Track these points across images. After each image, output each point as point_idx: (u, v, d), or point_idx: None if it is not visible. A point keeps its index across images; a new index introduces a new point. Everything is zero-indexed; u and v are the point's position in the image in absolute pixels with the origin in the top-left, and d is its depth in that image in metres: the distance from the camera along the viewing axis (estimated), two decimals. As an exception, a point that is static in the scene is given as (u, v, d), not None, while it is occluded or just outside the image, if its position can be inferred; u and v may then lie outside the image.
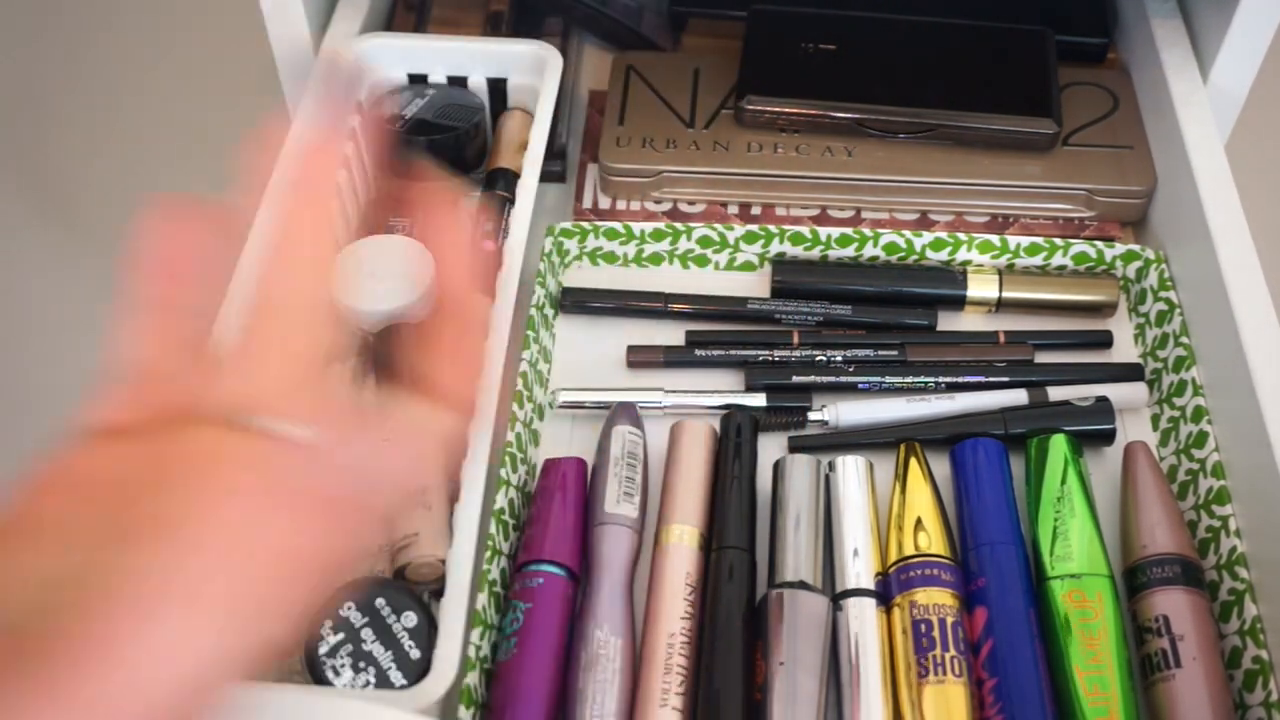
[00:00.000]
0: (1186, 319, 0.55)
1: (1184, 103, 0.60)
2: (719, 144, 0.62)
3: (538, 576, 0.48)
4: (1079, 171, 0.61)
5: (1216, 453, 0.51)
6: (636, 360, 0.58)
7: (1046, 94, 0.62)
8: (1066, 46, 0.66)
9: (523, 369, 0.53)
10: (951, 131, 0.62)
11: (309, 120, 0.58)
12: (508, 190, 0.58)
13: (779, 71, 0.63)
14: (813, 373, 0.57)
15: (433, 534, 0.47)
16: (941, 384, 0.56)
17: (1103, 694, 0.45)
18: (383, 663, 0.43)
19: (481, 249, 0.56)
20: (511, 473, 0.50)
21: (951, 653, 0.46)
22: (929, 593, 0.47)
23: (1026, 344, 0.58)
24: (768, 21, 0.66)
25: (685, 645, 0.47)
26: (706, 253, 0.61)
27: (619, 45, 0.70)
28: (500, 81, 0.62)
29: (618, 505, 0.50)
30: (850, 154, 0.62)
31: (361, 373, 0.52)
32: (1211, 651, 0.46)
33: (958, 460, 0.52)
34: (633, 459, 0.51)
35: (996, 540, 0.49)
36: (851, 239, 0.59)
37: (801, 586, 0.48)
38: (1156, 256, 0.58)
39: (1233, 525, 0.48)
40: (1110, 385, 0.56)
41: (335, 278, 0.32)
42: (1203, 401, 0.53)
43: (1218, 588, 0.48)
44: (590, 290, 0.60)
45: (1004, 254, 0.59)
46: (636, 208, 0.63)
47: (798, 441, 0.55)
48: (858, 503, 0.51)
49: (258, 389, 0.29)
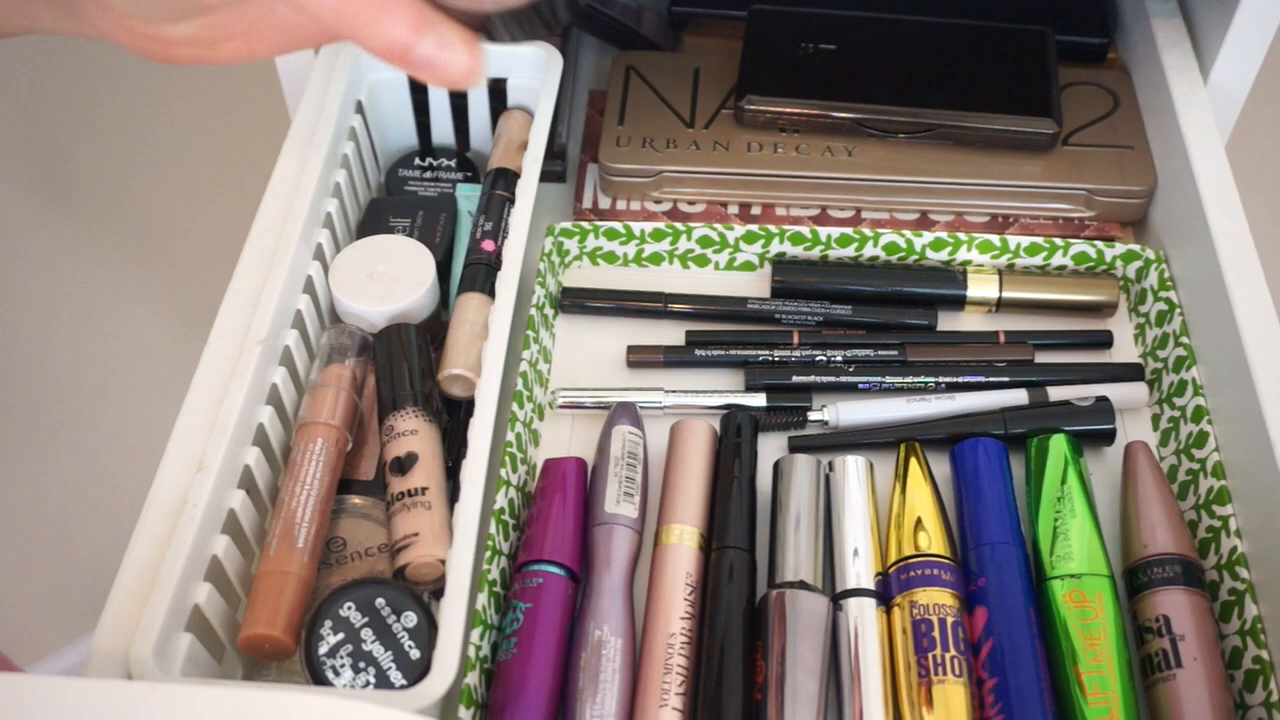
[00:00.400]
0: (1186, 319, 0.55)
1: (1184, 103, 0.60)
2: (719, 144, 0.62)
3: (538, 576, 0.48)
4: (1079, 171, 0.61)
5: (1217, 453, 0.51)
6: (636, 360, 0.58)
7: (1046, 94, 0.62)
8: (1066, 46, 0.66)
9: (523, 369, 0.53)
10: (951, 131, 0.62)
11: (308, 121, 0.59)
12: (508, 190, 0.58)
13: (779, 71, 0.63)
14: (813, 373, 0.57)
15: (433, 534, 0.47)
16: (941, 384, 0.56)
17: (1103, 694, 0.45)
18: (383, 663, 0.43)
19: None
20: (511, 473, 0.50)
21: (952, 653, 0.46)
22: (929, 593, 0.47)
23: (1026, 344, 0.58)
24: (768, 21, 0.66)
25: (685, 645, 0.47)
26: (706, 253, 0.61)
27: (619, 45, 0.70)
28: (500, 81, 0.62)
29: (618, 505, 0.50)
30: (850, 154, 0.62)
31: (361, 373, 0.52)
32: (1212, 652, 0.46)
33: (958, 460, 0.52)
34: (633, 459, 0.51)
35: (997, 540, 0.49)
36: (851, 239, 0.59)
37: (802, 586, 0.48)
38: (1156, 256, 0.58)
39: (1233, 525, 0.48)
40: (1110, 385, 0.56)
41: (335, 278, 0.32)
42: (1203, 401, 0.52)
43: (1218, 588, 0.48)
44: (590, 290, 0.60)
45: (1004, 254, 0.59)
46: (636, 208, 0.63)
47: (798, 441, 0.55)
48: (858, 503, 0.51)
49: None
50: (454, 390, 0.53)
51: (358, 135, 0.60)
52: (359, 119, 0.61)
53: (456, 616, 0.42)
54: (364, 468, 0.51)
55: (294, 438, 0.50)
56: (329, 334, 0.54)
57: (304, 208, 0.54)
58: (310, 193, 0.54)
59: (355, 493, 0.50)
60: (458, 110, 0.63)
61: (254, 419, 0.49)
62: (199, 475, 0.45)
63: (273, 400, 0.50)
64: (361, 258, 0.56)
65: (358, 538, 0.49)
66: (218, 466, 0.46)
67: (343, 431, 0.50)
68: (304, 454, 0.49)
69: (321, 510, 0.47)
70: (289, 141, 0.59)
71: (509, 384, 0.52)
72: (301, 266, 0.54)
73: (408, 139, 0.64)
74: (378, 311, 0.54)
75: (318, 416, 0.50)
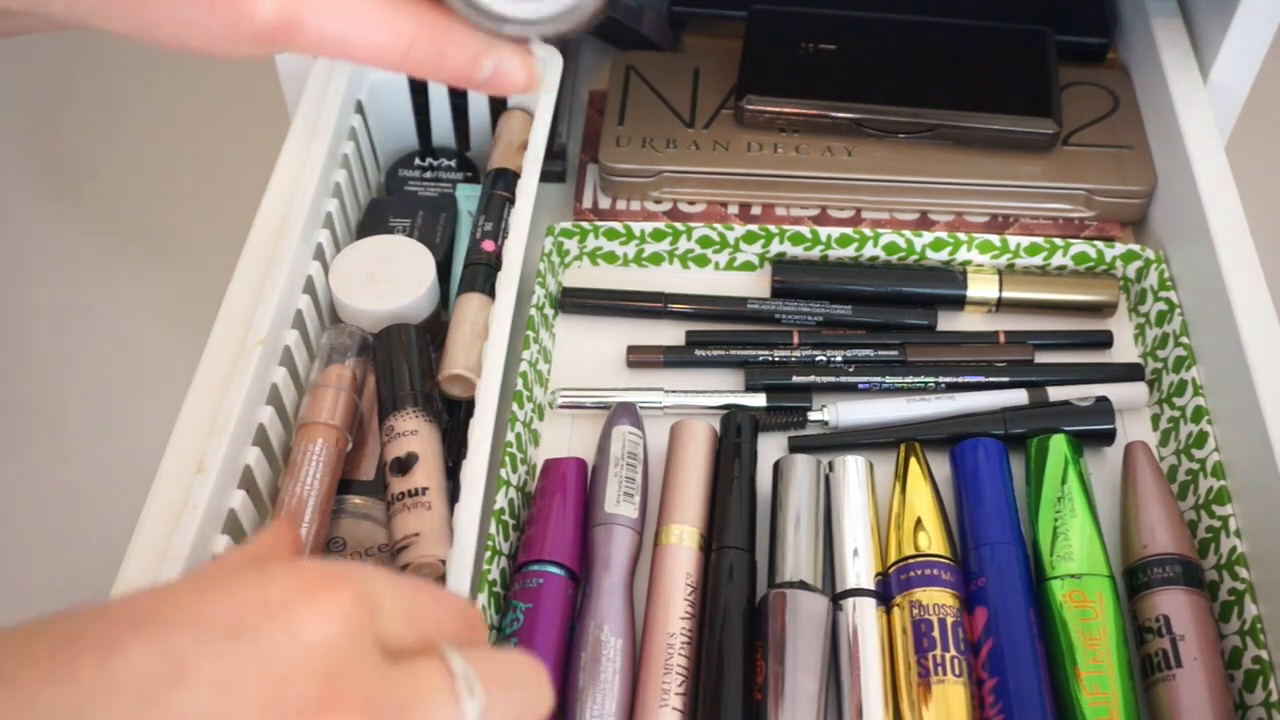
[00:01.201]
0: (1186, 319, 0.55)
1: (1184, 103, 0.60)
2: (719, 144, 0.62)
3: (538, 577, 0.48)
4: (1079, 171, 0.61)
5: (1216, 452, 0.51)
6: (636, 360, 0.58)
7: (1046, 94, 0.62)
8: (1066, 46, 0.66)
9: (523, 369, 0.53)
10: (951, 131, 0.62)
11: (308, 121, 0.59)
12: (507, 190, 0.58)
13: (779, 71, 0.63)
14: (813, 373, 0.57)
15: (433, 534, 0.47)
16: (941, 384, 0.56)
17: (1103, 694, 0.45)
18: None
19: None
20: (511, 473, 0.50)
21: (952, 653, 0.46)
22: (929, 593, 0.47)
23: (1026, 344, 0.58)
24: (768, 21, 0.66)
25: (685, 645, 0.47)
26: (706, 253, 0.61)
27: (619, 45, 0.70)
28: (500, 81, 0.62)
29: (618, 505, 0.50)
30: (850, 154, 0.62)
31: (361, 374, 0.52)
32: (1212, 652, 0.46)
33: (958, 460, 0.52)
34: (633, 459, 0.51)
35: (997, 540, 0.49)
36: (851, 239, 0.59)
37: (801, 586, 0.48)
38: (1156, 256, 0.58)
39: (1233, 525, 0.48)
40: (1110, 385, 0.56)
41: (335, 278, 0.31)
42: (1203, 401, 0.52)
43: (1218, 588, 0.48)
44: (590, 290, 0.60)
45: (1004, 254, 0.59)
46: (636, 208, 0.63)
47: (798, 441, 0.55)
48: (858, 502, 0.51)
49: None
50: (454, 390, 0.53)
51: (358, 135, 0.60)
52: (359, 119, 0.61)
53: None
54: (364, 468, 0.51)
55: (294, 438, 0.50)
56: (329, 334, 0.54)
57: (304, 207, 0.54)
58: (310, 193, 0.54)
59: (355, 493, 0.50)
60: (458, 110, 0.63)
61: (254, 419, 0.49)
62: (199, 475, 0.45)
63: (273, 400, 0.50)
64: (362, 257, 0.56)
65: (358, 538, 0.49)
66: (218, 467, 0.46)
67: (343, 432, 0.50)
68: (304, 454, 0.49)
69: (322, 510, 0.47)
70: (289, 141, 0.59)
71: (509, 384, 0.52)
72: (302, 266, 0.54)
73: (408, 139, 0.64)
74: (378, 311, 0.54)
75: (318, 417, 0.50)
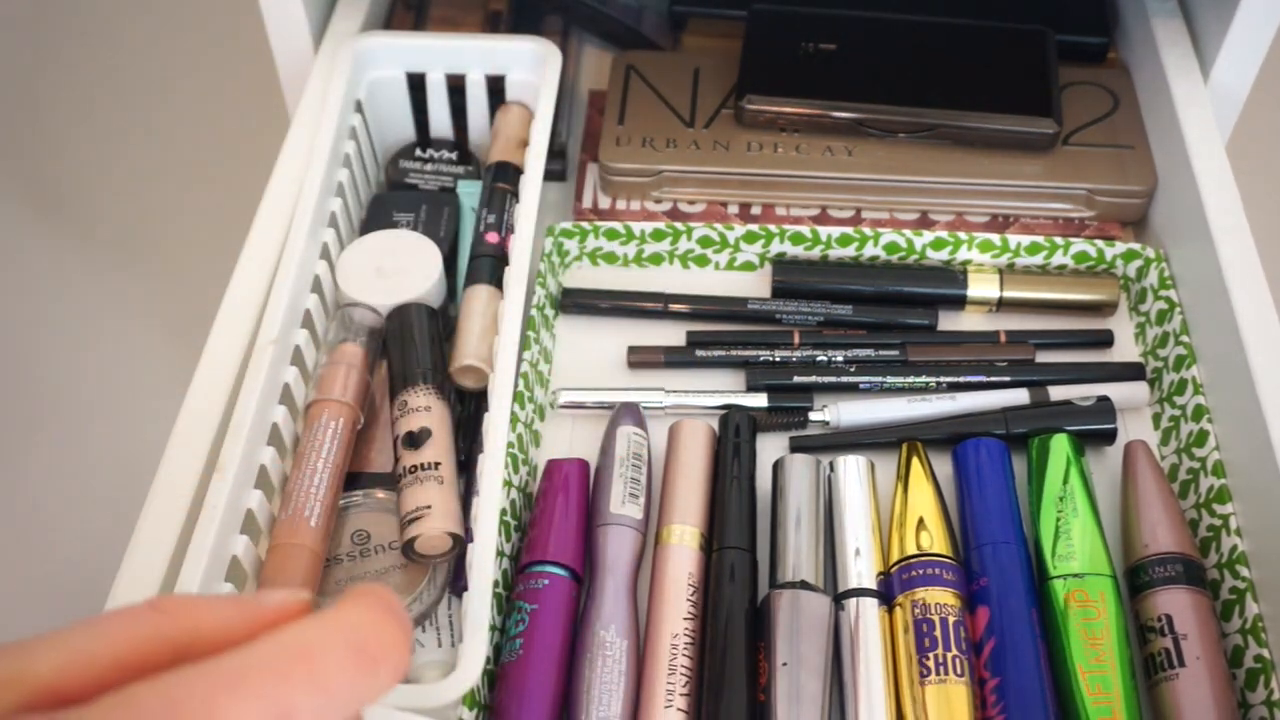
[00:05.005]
0: (1187, 318, 0.55)
1: (1184, 103, 0.61)
2: (719, 144, 0.62)
3: (542, 578, 0.48)
4: (1079, 171, 0.61)
5: (1217, 451, 0.51)
6: (637, 360, 0.58)
7: (1046, 94, 0.62)
8: (1066, 46, 0.66)
9: (523, 369, 0.53)
10: (951, 131, 0.62)
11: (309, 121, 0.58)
12: (508, 184, 0.58)
13: (779, 71, 0.63)
14: (814, 373, 0.57)
15: (445, 508, 0.47)
16: (942, 384, 0.56)
17: (1105, 694, 0.45)
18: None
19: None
20: (513, 473, 0.50)
21: (954, 652, 0.46)
22: (931, 592, 0.47)
23: (1027, 343, 0.58)
24: (768, 21, 0.66)
25: (689, 646, 0.46)
26: (706, 253, 0.61)
27: (619, 45, 0.70)
28: (499, 79, 0.62)
29: (623, 506, 0.50)
30: (850, 154, 0.62)
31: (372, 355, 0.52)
32: (1215, 651, 0.46)
33: (959, 460, 0.52)
34: (638, 460, 0.51)
35: (998, 540, 0.49)
36: (851, 239, 0.59)
37: (803, 586, 0.48)
38: (1157, 255, 0.58)
39: (1233, 524, 0.48)
40: (1111, 384, 0.56)
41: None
42: (1203, 400, 0.53)
43: (1219, 587, 0.48)
44: (590, 290, 0.60)
45: (1004, 253, 0.59)
46: (636, 208, 0.63)
47: (799, 441, 0.55)
48: (859, 502, 0.51)
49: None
50: (465, 382, 0.53)
51: (358, 134, 0.60)
52: (359, 118, 0.60)
53: (481, 617, 0.42)
54: (381, 461, 0.51)
55: (306, 416, 0.50)
56: (339, 315, 0.54)
57: (309, 207, 0.54)
58: (315, 192, 0.54)
59: (378, 485, 0.50)
60: (456, 109, 0.63)
61: (268, 419, 0.49)
62: (217, 477, 0.45)
63: (285, 400, 0.50)
64: (368, 253, 0.56)
65: (381, 531, 0.49)
66: (235, 468, 0.46)
67: (355, 409, 0.50)
68: (315, 429, 0.48)
69: (333, 487, 0.47)
70: (289, 141, 0.59)
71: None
72: (309, 265, 0.54)
73: (407, 137, 0.64)
74: (386, 306, 0.54)
75: (329, 393, 0.49)
